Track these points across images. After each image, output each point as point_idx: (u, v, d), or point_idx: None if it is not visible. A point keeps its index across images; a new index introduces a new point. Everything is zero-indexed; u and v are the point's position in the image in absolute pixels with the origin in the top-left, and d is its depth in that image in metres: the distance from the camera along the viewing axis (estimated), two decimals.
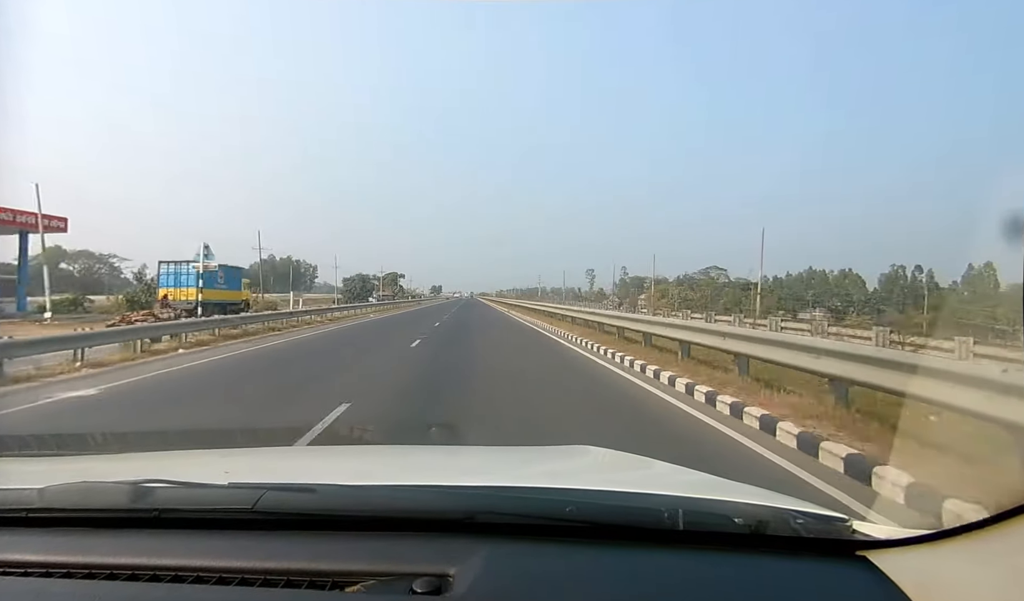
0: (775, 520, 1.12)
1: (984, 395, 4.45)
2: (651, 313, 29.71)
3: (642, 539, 1.11)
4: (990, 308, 11.06)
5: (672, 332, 13.13)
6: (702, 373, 9.62)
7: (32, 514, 1.20)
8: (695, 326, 13.62)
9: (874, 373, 5.96)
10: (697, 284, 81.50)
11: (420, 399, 8.34)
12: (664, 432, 6.51)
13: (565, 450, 2.30)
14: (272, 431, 5.80)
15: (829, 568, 1.06)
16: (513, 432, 6.05)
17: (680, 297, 63.69)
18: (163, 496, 1.20)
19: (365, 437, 5.05)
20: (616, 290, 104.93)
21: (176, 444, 4.69)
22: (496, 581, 1.00)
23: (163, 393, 9.15)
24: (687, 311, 30.09)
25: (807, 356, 7.44)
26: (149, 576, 1.03)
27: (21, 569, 1.08)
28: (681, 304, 41.66)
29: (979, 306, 11.44)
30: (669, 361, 11.45)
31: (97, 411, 7.62)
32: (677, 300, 58.78)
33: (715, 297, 63.04)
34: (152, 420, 7.05)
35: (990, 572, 0.93)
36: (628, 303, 64.38)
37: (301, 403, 7.87)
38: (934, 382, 5.01)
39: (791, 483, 4.58)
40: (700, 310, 37.41)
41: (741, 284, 71.10)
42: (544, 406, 7.83)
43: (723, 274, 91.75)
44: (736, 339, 9.94)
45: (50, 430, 6.11)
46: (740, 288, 68.23)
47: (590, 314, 25.26)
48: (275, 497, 1.17)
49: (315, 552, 1.08)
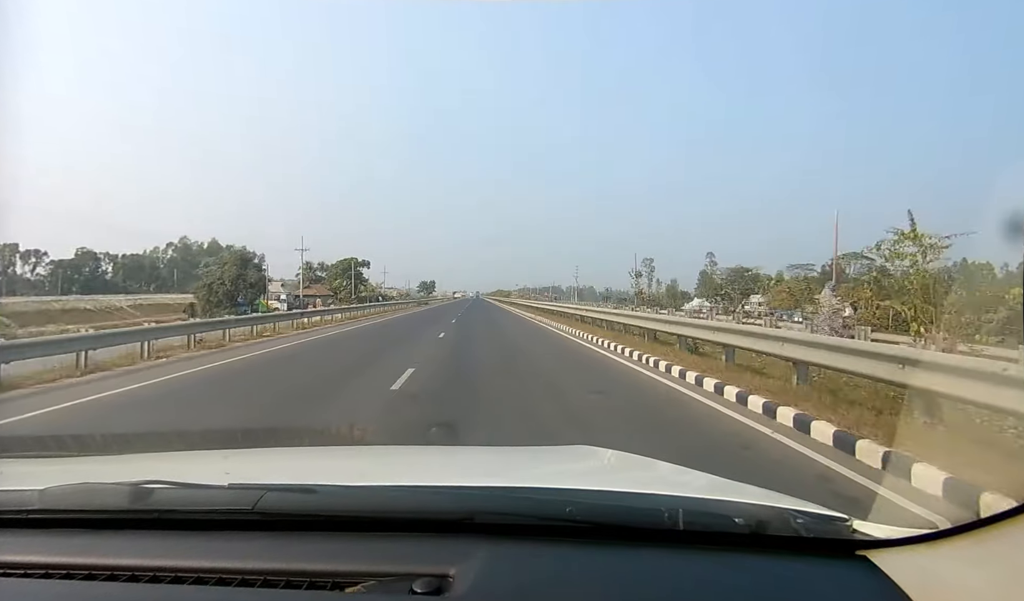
0: (775, 520, 1.12)
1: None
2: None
3: (643, 539, 1.11)
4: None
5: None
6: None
7: (32, 515, 1.21)
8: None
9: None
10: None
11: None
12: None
13: (566, 450, 2.30)
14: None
15: (829, 568, 1.06)
16: None
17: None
18: (163, 497, 1.20)
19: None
20: (699, 287, 77.98)
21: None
22: (496, 581, 1.00)
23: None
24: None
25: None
26: (149, 577, 1.03)
27: (21, 570, 1.08)
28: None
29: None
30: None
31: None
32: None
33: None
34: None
35: (990, 572, 0.93)
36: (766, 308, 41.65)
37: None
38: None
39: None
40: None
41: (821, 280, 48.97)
42: None
43: (809, 269, 71.02)
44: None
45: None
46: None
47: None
48: (275, 498, 1.17)
49: (315, 552, 1.08)
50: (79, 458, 2.37)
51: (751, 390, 8.03)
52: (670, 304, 59.05)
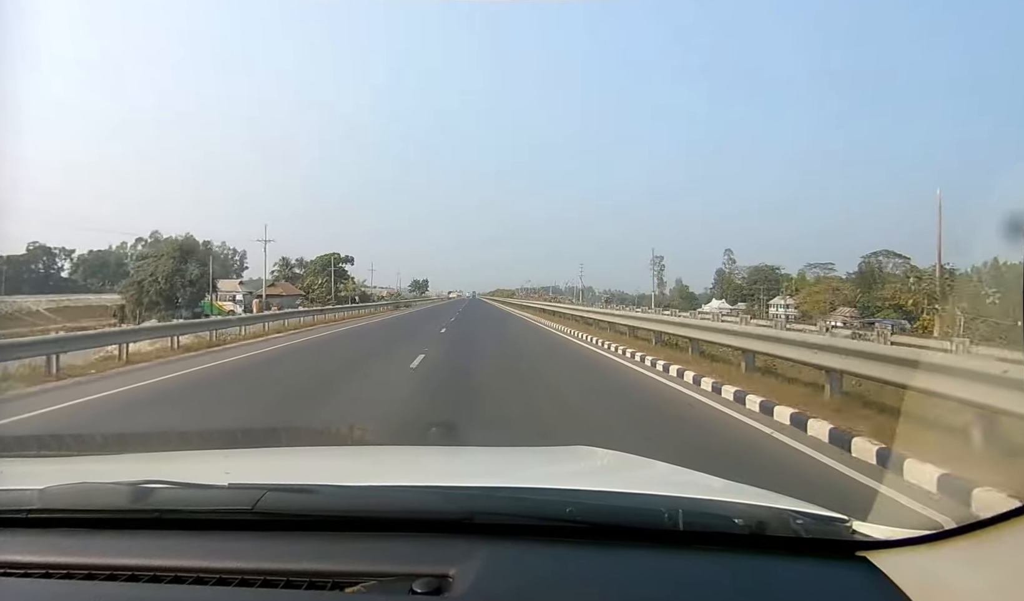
0: (775, 521, 1.12)
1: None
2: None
3: (642, 540, 1.11)
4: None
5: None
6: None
7: (32, 515, 1.21)
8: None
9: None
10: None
11: None
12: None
13: (566, 451, 2.30)
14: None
15: (829, 568, 1.06)
16: None
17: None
18: (163, 497, 1.21)
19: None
20: (716, 288, 74.21)
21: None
22: (496, 581, 1.00)
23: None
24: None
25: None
26: (149, 577, 1.03)
27: (21, 570, 1.08)
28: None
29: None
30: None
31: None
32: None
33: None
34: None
35: (990, 572, 0.93)
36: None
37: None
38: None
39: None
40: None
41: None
42: None
43: (829, 269, 64.79)
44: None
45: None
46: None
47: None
48: (275, 498, 1.17)
49: (315, 552, 1.08)
50: (79, 458, 2.37)
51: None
52: (686, 307, 49.98)
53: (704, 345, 12.49)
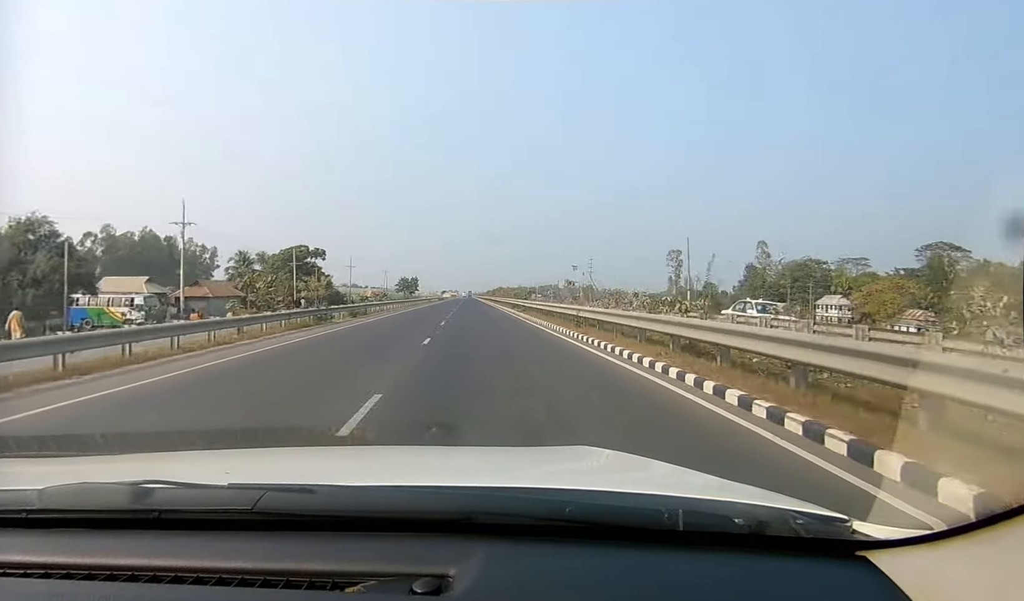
0: (775, 520, 1.12)
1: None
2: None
3: (642, 540, 1.11)
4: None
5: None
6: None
7: (32, 515, 1.20)
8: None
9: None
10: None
11: None
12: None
13: (565, 451, 2.30)
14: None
15: (829, 568, 1.06)
16: None
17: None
18: (163, 497, 1.20)
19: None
20: (746, 283, 63.87)
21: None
22: (496, 581, 1.00)
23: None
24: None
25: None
26: (149, 577, 1.03)
27: (21, 570, 1.08)
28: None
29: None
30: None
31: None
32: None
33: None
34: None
35: (990, 572, 0.93)
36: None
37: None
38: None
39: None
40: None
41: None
42: None
43: (863, 264, 58.62)
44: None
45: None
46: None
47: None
48: (275, 498, 1.17)
49: (315, 552, 1.08)
50: (79, 458, 2.37)
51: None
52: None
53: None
